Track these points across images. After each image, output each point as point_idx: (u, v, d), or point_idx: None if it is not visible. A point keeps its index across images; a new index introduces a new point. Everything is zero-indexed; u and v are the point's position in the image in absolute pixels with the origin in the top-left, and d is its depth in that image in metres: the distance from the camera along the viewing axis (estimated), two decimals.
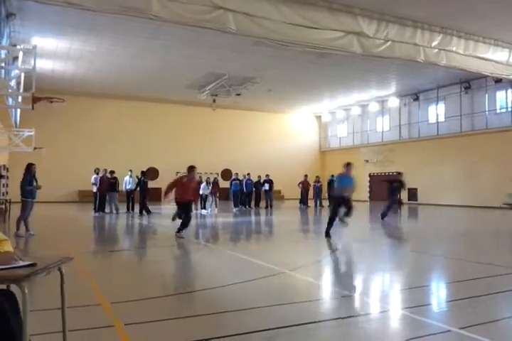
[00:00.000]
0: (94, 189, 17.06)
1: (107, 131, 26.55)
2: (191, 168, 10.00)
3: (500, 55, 15.73)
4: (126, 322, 3.81)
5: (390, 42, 12.90)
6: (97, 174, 17.19)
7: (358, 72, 21.08)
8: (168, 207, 22.43)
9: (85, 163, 23.03)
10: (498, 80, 20.28)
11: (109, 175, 17.20)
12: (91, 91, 25.05)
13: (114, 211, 16.90)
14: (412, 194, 26.00)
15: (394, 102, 27.50)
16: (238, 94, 24.41)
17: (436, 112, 25.46)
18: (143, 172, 17.35)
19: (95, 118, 26.22)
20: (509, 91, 21.77)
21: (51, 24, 14.77)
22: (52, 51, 17.75)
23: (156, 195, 26.96)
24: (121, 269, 6.77)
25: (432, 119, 25.78)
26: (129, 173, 17.64)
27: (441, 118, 25.07)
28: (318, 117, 34.43)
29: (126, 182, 17.36)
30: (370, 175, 29.68)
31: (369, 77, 22.68)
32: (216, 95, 24.68)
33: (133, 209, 16.72)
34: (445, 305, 4.71)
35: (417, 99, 26.31)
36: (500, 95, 22.36)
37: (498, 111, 22.38)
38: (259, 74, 21.64)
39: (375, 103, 28.84)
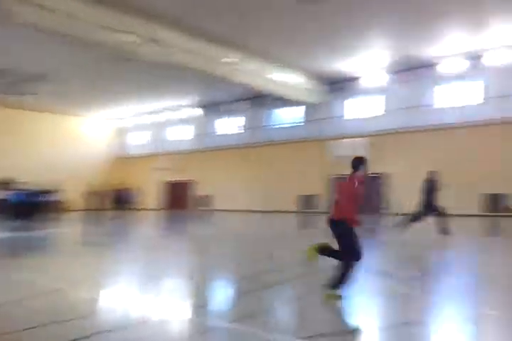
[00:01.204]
0: None
1: None
2: (360, 160, 4.75)
3: (281, 75, 17.79)
4: None
5: (181, 53, 13.36)
6: None
7: (156, 79, 20.97)
8: None
9: None
10: (278, 98, 22.73)
11: None
12: None
13: None
14: (205, 201, 27.25)
15: (191, 112, 28.38)
16: (32, 94, 21.92)
17: (229, 124, 27.34)
18: None
19: None
20: (286, 108, 24.69)
21: None
22: None
23: None
24: None
25: (225, 131, 27.57)
26: None
27: (234, 130, 26.98)
28: (116, 123, 33.18)
29: None
30: (165, 183, 29.96)
31: (167, 86, 22.82)
32: None
33: None
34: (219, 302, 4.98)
35: (211, 110, 27.65)
36: (279, 112, 25.27)
37: (277, 126, 25.22)
38: (50, 73, 19.76)
39: (171, 112, 29.23)
